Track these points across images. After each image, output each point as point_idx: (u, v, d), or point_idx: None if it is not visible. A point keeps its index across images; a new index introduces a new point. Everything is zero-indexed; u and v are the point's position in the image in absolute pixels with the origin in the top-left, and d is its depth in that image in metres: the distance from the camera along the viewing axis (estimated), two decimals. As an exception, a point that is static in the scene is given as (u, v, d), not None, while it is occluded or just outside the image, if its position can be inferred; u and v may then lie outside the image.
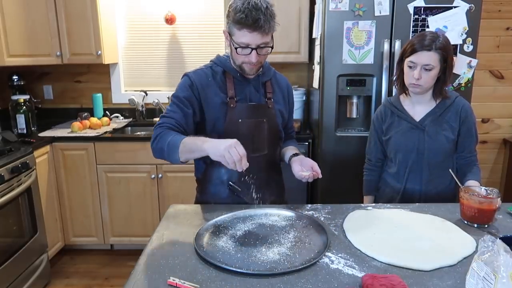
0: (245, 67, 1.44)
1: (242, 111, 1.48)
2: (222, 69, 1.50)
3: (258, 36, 1.33)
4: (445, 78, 1.61)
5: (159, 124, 1.43)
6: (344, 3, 2.32)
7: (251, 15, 1.30)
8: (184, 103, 1.44)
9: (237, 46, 1.36)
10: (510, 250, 0.85)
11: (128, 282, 0.99)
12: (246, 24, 1.31)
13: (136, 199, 2.85)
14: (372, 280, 0.93)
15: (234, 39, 1.37)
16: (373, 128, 1.82)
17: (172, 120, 1.42)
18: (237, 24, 1.33)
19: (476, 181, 1.60)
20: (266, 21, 1.32)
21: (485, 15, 2.92)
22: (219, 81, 1.48)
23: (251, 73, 1.47)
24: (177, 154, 1.32)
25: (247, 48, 1.36)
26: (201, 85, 1.46)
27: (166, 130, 1.39)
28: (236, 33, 1.35)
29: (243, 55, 1.38)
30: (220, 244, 1.16)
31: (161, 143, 1.36)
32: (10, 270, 2.21)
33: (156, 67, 3.35)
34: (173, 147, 1.32)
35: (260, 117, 1.51)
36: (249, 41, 1.34)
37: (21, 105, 2.80)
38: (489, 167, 3.32)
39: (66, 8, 2.87)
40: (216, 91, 1.47)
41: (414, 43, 1.57)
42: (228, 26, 1.38)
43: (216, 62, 1.52)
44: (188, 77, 1.47)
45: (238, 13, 1.31)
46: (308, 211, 1.40)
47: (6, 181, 2.19)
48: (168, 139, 1.34)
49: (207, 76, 1.48)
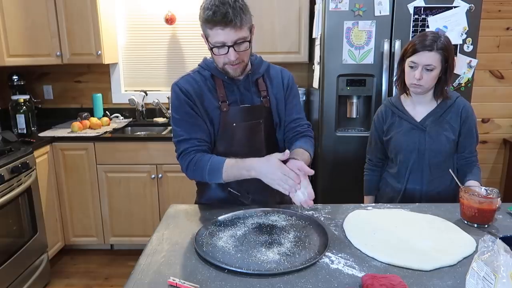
0: (228, 69, 1.36)
1: (235, 115, 1.42)
2: (210, 73, 1.44)
3: (231, 32, 1.26)
4: (446, 79, 1.61)
5: (183, 151, 1.38)
6: (344, 3, 2.32)
7: (219, 11, 1.23)
8: (192, 116, 1.39)
9: (213, 46, 1.30)
10: (510, 250, 0.85)
11: (128, 282, 0.99)
12: (216, 21, 1.24)
13: (136, 199, 2.85)
14: (372, 280, 0.93)
15: (210, 40, 1.31)
16: (374, 128, 1.82)
17: (193, 141, 1.37)
18: (208, 24, 1.27)
19: (476, 181, 1.61)
20: (236, 15, 1.24)
21: (485, 15, 2.92)
22: (209, 86, 1.43)
23: (236, 75, 1.38)
24: (221, 180, 1.33)
25: (224, 47, 1.29)
26: (194, 91, 1.40)
27: (196, 155, 1.36)
28: (210, 33, 1.29)
29: (222, 55, 1.32)
30: (220, 244, 1.16)
31: (199, 173, 1.36)
32: (10, 270, 2.21)
33: (156, 67, 3.35)
34: (216, 175, 1.33)
35: (256, 119, 1.45)
36: (224, 39, 1.27)
37: (21, 105, 2.80)
38: (489, 167, 3.32)
39: (66, 8, 2.87)
40: (207, 96, 1.42)
41: (415, 43, 1.57)
42: (203, 29, 1.32)
43: (203, 66, 1.46)
44: (178, 87, 1.40)
45: (206, 11, 1.25)
46: (308, 211, 1.40)
47: (6, 181, 2.19)
48: (207, 167, 1.33)
49: (196, 82, 1.42)
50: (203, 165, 1.34)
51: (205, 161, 1.35)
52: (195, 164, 1.36)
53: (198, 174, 1.37)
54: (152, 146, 2.77)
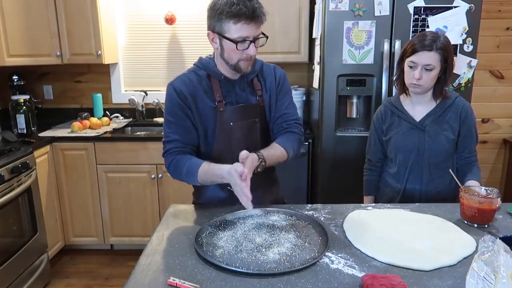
0: (241, 65, 1.37)
1: (232, 114, 1.44)
2: (206, 73, 1.45)
3: (254, 27, 1.30)
4: (446, 78, 1.61)
5: (167, 151, 1.44)
6: (344, 3, 2.32)
7: (247, 6, 1.26)
8: (180, 117, 1.41)
9: (237, 41, 1.30)
10: (510, 250, 0.85)
11: (128, 282, 0.99)
12: (245, 15, 1.26)
13: (136, 199, 2.85)
14: (372, 280, 0.93)
15: (229, 35, 1.30)
16: (373, 128, 1.82)
17: (176, 142, 1.42)
18: (233, 18, 1.27)
19: (476, 181, 1.60)
20: (261, 10, 1.29)
21: (485, 15, 2.92)
22: (205, 86, 1.43)
23: (247, 70, 1.40)
24: (197, 182, 1.40)
25: (245, 42, 1.31)
26: (188, 92, 1.41)
27: (177, 156, 1.41)
28: (232, 29, 1.29)
29: (240, 51, 1.33)
30: (220, 244, 1.16)
31: (177, 173, 1.42)
32: (10, 270, 2.21)
33: (156, 67, 3.35)
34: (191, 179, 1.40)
35: (252, 117, 1.48)
36: (248, 34, 1.30)
37: (21, 105, 2.80)
38: (489, 167, 3.32)
39: (66, 8, 2.87)
40: (203, 97, 1.42)
41: (414, 43, 1.57)
42: (217, 25, 1.32)
43: (199, 66, 1.47)
44: (174, 87, 1.41)
45: (234, 6, 1.26)
46: (308, 211, 1.40)
47: (6, 181, 2.19)
48: (184, 169, 1.39)
49: (192, 82, 1.43)
50: (181, 167, 1.40)
51: (183, 163, 1.39)
52: (175, 165, 1.41)
53: (177, 175, 1.43)
54: (152, 146, 2.77)
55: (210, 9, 1.33)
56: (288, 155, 1.46)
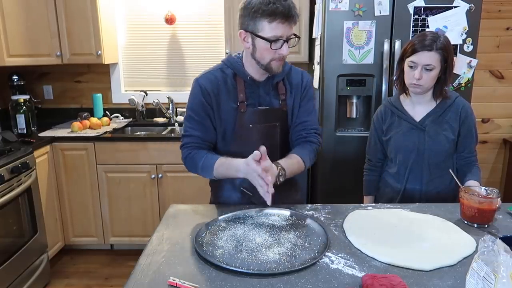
0: (273, 65, 1.37)
1: (252, 116, 1.44)
2: (233, 72, 1.45)
3: (288, 27, 1.30)
4: (446, 78, 1.61)
5: (184, 144, 1.47)
6: (344, 3, 2.32)
7: (283, 5, 1.26)
8: (201, 115, 1.43)
9: (271, 40, 1.29)
10: (510, 250, 0.85)
11: (128, 282, 0.99)
12: (280, 14, 1.26)
13: (136, 199, 2.85)
14: (372, 280, 0.93)
15: (263, 34, 1.30)
16: (373, 128, 1.82)
17: (194, 138, 1.44)
18: (268, 17, 1.27)
19: (476, 181, 1.60)
20: (296, 10, 1.29)
21: (485, 15, 2.92)
22: (230, 85, 1.43)
23: (278, 70, 1.40)
24: (212, 176, 1.42)
25: (278, 41, 1.30)
26: (212, 90, 1.42)
27: (193, 150, 1.44)
28: (266, 28, 1.29)
29: (273, 51, 1.32)
30: (220, 244, 1.16)
31: (193, 166, 1.46)
32: (10, 270, 2.21)
33: (156, 67, 3.35)
34: (207, 173, 1.42)
35: (273, 121, 1.47)
36: (282, 33, 1.29)
37: (21, 105, 2.80)
38: (489, 167, 3.32)
39: (66, 8, 2.87)
40: (226, 96, 1.43)
41: (414, 43, 1.57)
42: (251, 24, 1.31)
43: (227, 63, 1.46)
44: (199, 84, 1.43)
45: (270, 5, 1.25)
46: (308, 211, 1.40)
47: (6, 181, 2.19)
48: (200, 163, 1.42)
49: (217, 80, 1.43)
50: (197, 161, 1.42)
51: (200, 157, 1.42)
52: (192, 158, 1.44)
53: (193, 168, 1.47)
54: (152, 146, 2.77)
55: (243, 8, 1.32)
56: (305, 167, 1.46)
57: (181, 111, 3.30)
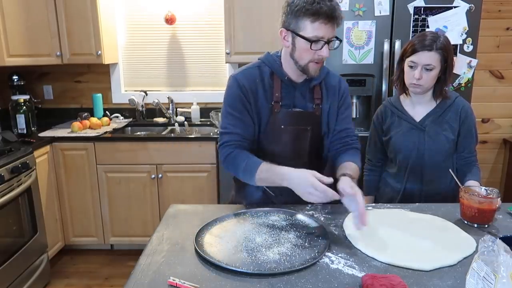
0: (310, 67, 1.34)
1: (285, 117, 1.41)
2: (270, 70, 1.42)
3: (331, 28, 1.27)
4: (446, 78, 1.61)
5: (224, 142, 1.40)
6: (344, 3, 2.32)
7: (327, 5, 1.24)
8: (241, 112, 1.40)
9: (312, 40, 1.27)
10: (510, 250, 0.85)
11: (128, 282, 0.99)
12: (324, 14, 1.24)
13: (136, 199, 2.85)
14: (372, 280, 0.93)
15: (304, 34, 1.27)
16: (373, 128, 1.82)
17: (235, 136, 1.40)
18: (311, 16, 1.25)
19: (476, 181, 1.60)
20: (340, 12, 1.27)
21: (485, 15, 2.92)
22: (266, 84, 1.41)
23: (315, 74, 1.37)
24: (253, 181, 1.35)
25: (319, 42, 1.28)
26: (250, 87, 1.39)
27: (235, 150, 1.38)
28: (308, 27, 1.26)
29: (313, 51, 1.29)
30: (220, 244, 1.16)
31: (234, 168, 1.38)
32: (10, 270, 2.21)
33: (156, 67, 3.35)
34: (249, 176, 1.35)
35: (304, 125, 1.44)
36: (323, 34, 1.27)
37: (21, 105, 2.80)
38: (489, 167, 3.32)
39: (66, 8, 2.87)
40: (262, 94, 1.40)
41: (414, 43, 1.57)
42: (293, 22, 1.29)
43: (265, 62, 1.43)
44: (236, 80, 1.40)
45: (314, 4, 1.23)
46: (308, 211, 1.40)
47: (6, 181, 2.19)
48: (242, 164, 1.35)
49: (255, 78, 1.41)
50: (239, 162, 1.36)
51: (242, 159, 1.36)
52: (233, 158, 1.38)
53: (233, 169, 1.40)
54: (152, 146, 2.77)
55: (287, 6, 1.31)
56: (359, 172, 1.44)
57: (181, 111, 3.30)
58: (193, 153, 2.76)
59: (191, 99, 3.29)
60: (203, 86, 3.37)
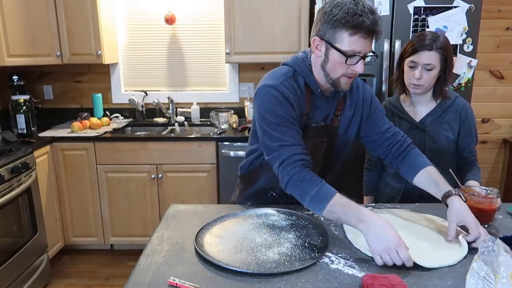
0: (341, 81, 1.25)
1: (308, 132, 1.33)
2: (304, 81, 1.31)
3: (369, 43, 1.19)
4: (446, 78, 1.61)
5: (287, 159, 1.22)
6: (344, 3, 2.32)
7: (369, 18, 1.15)
8: (292, 121, 1.26)
9: (348, 54, 1.18)
10: (510, 250, 0.85)
11: (128, 282, 0.99)
12: (365, 29, 1.15)
13: (136, 199, 2.85)
14: (372, 280, 0.94)
15: (341, 46, 1.18)
16: (373, 128, 1.81)
17: (298, 148, 1.23)
18: (350, 29, 1.15)
19: (476, 181, 1.61)
20: (381, 27, 1.19)
21: (485, 15, 2.92)
22: (300, 95, 1.29)
23: (346, 88, 1.28)
24: (321, 212, 1.17)
25: (355, 57, 1.19)
26: (294, 100, 1.27)
27: (303, 170, 1.21)
28: (346, 40, 1.17)
29: (347, 66, 1.20)
30: (220, 244, 1.16)
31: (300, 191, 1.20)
32: (10, 270, 2.21)
33: (156, 67, 3.35)
34: (317, 205, 1.17)
35: (321, 137, 1.37)
36: (361, 49, 1.18)
37: (21, 105, 2.80)
38: (489, 167, 3.32)
39: (66, 8, 2.87)
40: (298, 107, 1.29)
41: (414, 43, 1.57)
42: (329, 32, 1.19)
43: (297, 70, 1.31)
44: (278, 91, 1.25)
45: (355, 16, 1.14)
46: (308, 211, 1.40)
47: (6, 181, 2.19)
48: (312, 190, 1.17)
49: (296, 90, 1.29)
50: (309, 188, 1.18)
51: (314, 184, 1.19)
52: (301, 180, 1.20)
53: (298, 192, 1.21)
54: (152, 146, 2.77)
55: (324, 14, 1.20)
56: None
57: (181, 111, 3.30)
58: (193, 153, 2.76)
59: (191, 99, 3.29)
60: (203, 86, 3.37)
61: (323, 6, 1.22)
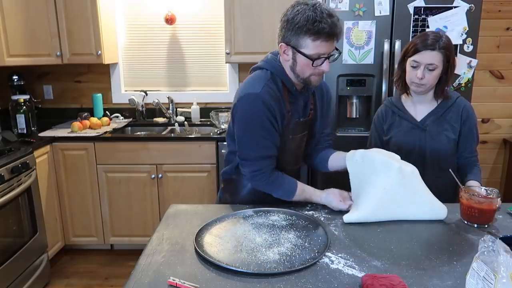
0: (312, 79, 1.35)
1: (294, 128, 1.44)
2: (281, 81, 1.39)
3: (332, 44, 1.29)
4: (447, 78, 1.61)
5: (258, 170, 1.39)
6: (344, 3, 2.32)
7: (328, 24, 1.23)
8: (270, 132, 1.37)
9: (313, 58, 1.28)
10: (510, 250, 0.85)
11: (128, 282, 0.99)
12: (325, 34, 1.24)
13: (136, 199, 2.85)
14: (372, 280, 0.94)
15: (305, 51, 1.27)
16: (374, 127, 1.82)
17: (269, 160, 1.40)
18: (312, 35, 1.24)
19: (477, 181, 1.60)
20: (340, 28, 1.28)
21: (485, 15, 2.92)
22: (279, 96, 1.37)
23: (317, 84, 1.40)
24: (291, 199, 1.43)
25: (320, 58, 1.29)
26: (275, 105, 1.35)
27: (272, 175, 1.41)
28: (310, 45, 1.26)
29: (314, 67, 1.30)
30: (220, 244, 1.16)
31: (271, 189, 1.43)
32: (10, 270, 2.21)
33: (156, 67, 3.35)
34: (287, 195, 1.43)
35: (303, 131, 1.50)
36: (325, 50, 1.28)
37: (21, 105, 2.80)
38: (489, 167, 3.32)
39: (66, 8, 2.87)
40: (279, 108, 1.37)
41: (417, 43, 1.57)
42: (294, 39, 1.28)
43: (274, 72, 1.38)
44: (262, 101, 1.32)
45: (315, 23, 1.22)
46: (308, 211, 1.40)
47: (6, 181, 2.19)
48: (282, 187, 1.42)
49: (276, 93, 1.36)
50: (278, 185, 1.42)
51: (281, 182, 1.42)
52: (272, 183, 1.41)
53: (269, 189, 1.43)
54: (152, 146, 2.77)
55: (287, 22, 1.29)
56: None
57: (181, 111, 3.30)
58: (193, 153, 2.76)
59: (191, 99, 3.29)
60: (203, 86, 3.37)
61: (285, 14, 1.32)
